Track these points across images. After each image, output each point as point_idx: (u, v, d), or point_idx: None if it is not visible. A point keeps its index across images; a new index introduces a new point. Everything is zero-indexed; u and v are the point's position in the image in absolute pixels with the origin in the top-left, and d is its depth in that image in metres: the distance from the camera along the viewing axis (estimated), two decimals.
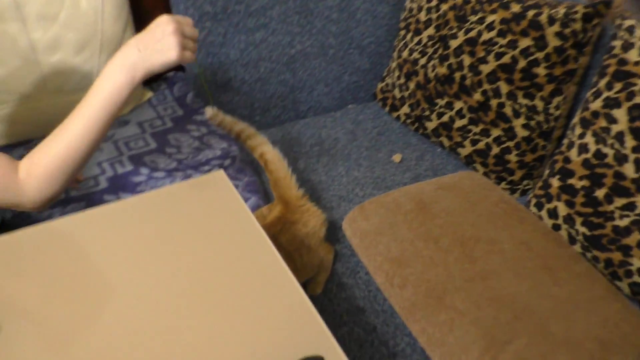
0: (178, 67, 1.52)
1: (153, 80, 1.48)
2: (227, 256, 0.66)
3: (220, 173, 0.76)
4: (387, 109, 1.55)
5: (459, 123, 1.33)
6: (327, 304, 1.05)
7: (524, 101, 1.21)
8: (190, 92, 1.42)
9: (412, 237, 1.06)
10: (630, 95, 1.00)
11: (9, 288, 0.60)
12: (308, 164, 1.35)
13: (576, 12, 1.14)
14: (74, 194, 1.11)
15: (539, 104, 1.21)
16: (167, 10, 1.37)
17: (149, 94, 1.42)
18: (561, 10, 1.15)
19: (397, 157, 1.38)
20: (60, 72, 1.22)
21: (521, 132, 1.24)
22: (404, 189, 1.17)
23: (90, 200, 1.10)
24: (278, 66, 1.47)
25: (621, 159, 1.00)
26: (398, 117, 1.51)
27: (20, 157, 1.20)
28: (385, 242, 1.06)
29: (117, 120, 1.33)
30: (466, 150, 1.33)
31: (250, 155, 1.36)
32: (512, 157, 1.27)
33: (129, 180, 1.15)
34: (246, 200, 1.13)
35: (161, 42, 0.73)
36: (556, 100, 1.20)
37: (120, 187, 1.13)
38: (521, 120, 1.23)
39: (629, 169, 0.99)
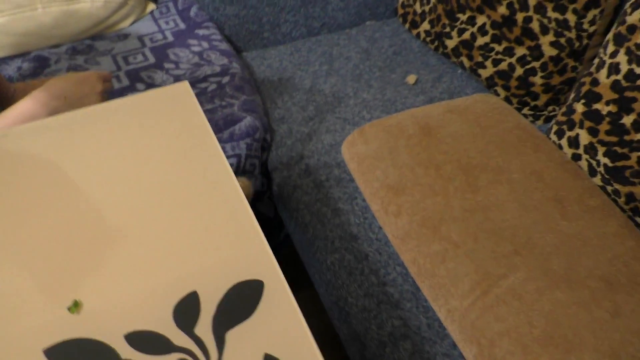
0: None
1: None
2: (179, 170, 0.62)
3: (185, 84, 0.71)
4: (407, 25, 1.42)
5: (480, 41, 1.20)
6: (320, 229, 1.01)
7: (554, 15, 1.07)
8: (195, 5, 1.35)
9: (412, 164, 0.98)
10: None
11: None
12: (315, 83, 1.27)
13: None
14: None
15: (571, 17, 1.07)
16: None
17: (152, 6, 1.35)
18: None
19: (411, 79, 1.27)
20: None
21: (549, 51, 1.11)
22: (409, 111, 1.08)
23: None
24: None
25: None
26: (418, 35, 1.39)
27: (18, 70, 1.18)
28: (383, 168, 0.99)
29: (117, 33, 1.28)
30: (487, 71, 1.22)
31: (253, 74, 1.30)
32: (537, 80, 1.14)
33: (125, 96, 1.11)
34: (241, 119, 1.07)
35: (87, 98, 0.79)
36: (591, 13, 1.06)
37: None
38: (549, 37, 1.09)
39: None
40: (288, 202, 1.08)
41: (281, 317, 0.50)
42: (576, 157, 1.01)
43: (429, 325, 0.88)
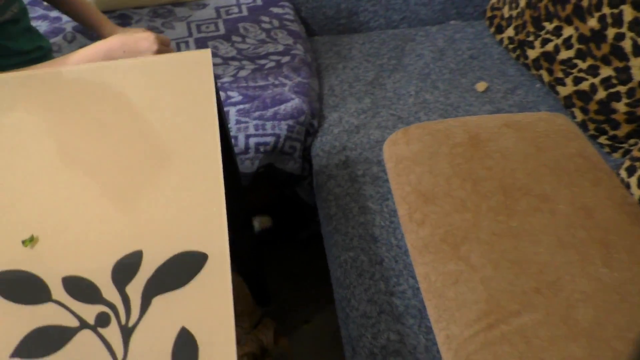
0: None
1: None
2: (169, 131, 0.62)
3: (207, 52, 0.70)
4: (492, 29, 1.32)
5: (564, 54, 1.08)
6: (343, 223, 0.98)
7: None
8: None
9: (450, 173, 0.91)
10: None
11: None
12: (378, 77, 1.22)
13: None
14: None
15: None
16: None
17: None
18: None
19: (481, 86, 1.18)
20: None
21: (639, 76, 0.97)
22: (462, 118, 1.00)
23: None
24: None
25: None
26: (501, 41, 1.28)
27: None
28: (419, 172, 0.93)
29: (197, 2, 1.32)
30: (567, 89, 1.09)
31: (318, 59, 1.28)
32: (621, 106, 1.01)
33: None
34: (289, 100, 1.06)
35: (142, 55, 0.80)
36: None
37: None
38: None
39: None
40: (320, 190, 1.06)
41: (212, 294, 0.48)
42: None
43: (427, 347, 0.82)
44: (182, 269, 0.50)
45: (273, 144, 1.03)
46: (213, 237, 0.52)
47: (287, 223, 1.33)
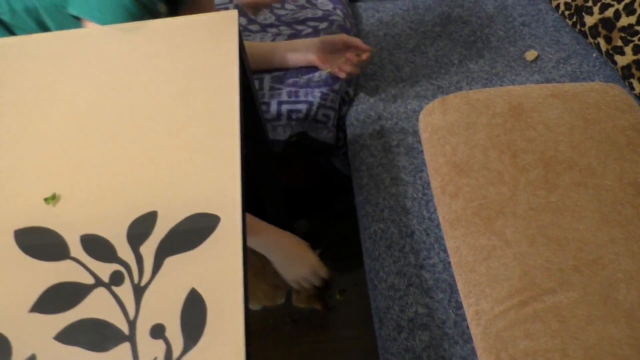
0: None
1: None
2: (189, 93, 0.61)
3: (233, 13, 0.69)
4: None
5: (625, 21, 1.00)
6: (374, 194, 0.96)
7: None
8: None
9: (488, 145, 0.87)
10: None
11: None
12: (420, 44, 1.17)
13: None
14: None
15: None
16: None
17: None
18: None
19: (530, 55, 1.11)
20: None
21: None
22: (505, 88, 0.94)
23: None
24: None
25: None
26: (557, 7, 1.20)
27: None
28: (454, 143, 0.89)
29: None
30: (626, 58, 1.01)
31: (358, 25, 1.24)
32: None
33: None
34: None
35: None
36: None
37: None
38: None
39: None
40: (353, 160, 1.04)
41: (223, 257, 0.48)
42: None
43: (455, 322, 0.80)
44: (194, 230, 0.50)
45: (306, 112, 1.02)
46: (227, 200, 0.51)
47: (323, 193, 1.32)
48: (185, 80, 0.63)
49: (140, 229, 0.50)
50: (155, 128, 0.59)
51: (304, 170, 1.23)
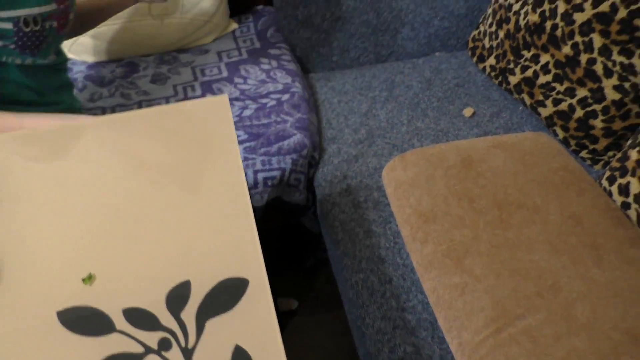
0: (268, 1, 1.54)
1: (242, 12, 1.53)
2: (196, 172, 0.69)
3: (224, 98, 0.78)
4: (474, 59, 1.42)
5: (542, 79, 1.18)
6: (350, 247, 1.05)
7: (619, 58, 1.04)
8: (272, 27, 1.45)
9: (447, 194, 0.99)
10: None
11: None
12: (372, 108, 1.31)
13: None
14: None
15: (638, 63, 1.02)
16: None
17: (234, 26, 1.47)
18: None
19: (468, 111, 1.28)
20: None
21: (611, 95, 1.07)
22: (453, 143, 1.08)
23: None
24: (362, 5, 1.42)
25: None
26: (484, 69, 1.39)
27: (112, 72, 1.34)
28: (418, 195, 1.01)
29: (200, 48, 1.41)
30: (547, 110, 1.19)
31: (314, 94, 1.37)
32: (598, 123, 1.10)
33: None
34: (291, 135, 1.14)
35: None
36: None
37: None
38: (613, 81, 1.05)
39: None
40: (326, 218, 1.13)
41: (257, 315, 0.54)
42: (625, 206, 0.96)
43: (441, 356, 0.88)
44: (227, 293, 0.56)
45: (279, 178, 1.11)
46: (251, 264, 0.59)
47: (293, 251, 1.39)
48: (192, 158, 0.70)
49: (177, 297, 0.56)
50: (172, 203, 0.65)
51: (276, 232, 1.31)
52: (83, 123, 0.79)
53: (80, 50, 1.36)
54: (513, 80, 1.27)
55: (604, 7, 1.03)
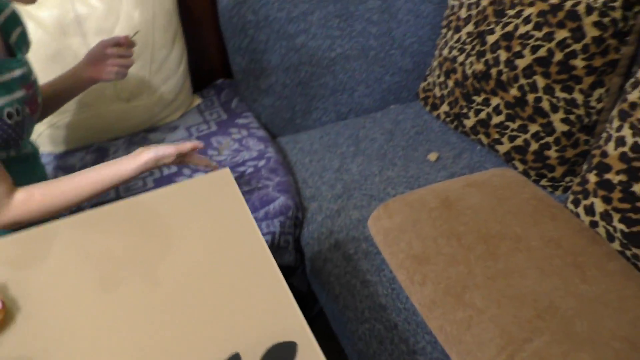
0: (227, 74, 1.61)
1: (203, 87, 1.58)
2: (221, 247, 0.71)
3: (226, 171, 0.81)
4: (427, 108, 1.54)
5: (496, 119, 1.29)
6: (350, 300, 1.07)
7: (562, 95, 1.16)
8: (236, 98, 1.50)
9: (435, 235, 1.05)
10: None
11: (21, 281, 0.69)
12: (343, 163, 1.37)
13: (616, 0, 1.08)
14: (124, 195, 1.22)
15: (579, 97, 1.15)
16: (215, 18, 1.45)
17: (198, 101, 1.51)
18: None
19: (432, 156, 1.37)
20: (116, 82, 1.34)
21: (560, 127, 1.19)
22: (430, 186, 1.16)
23: None
24: (319, 69, 1.51)
25: None
26: (438, 116, 1.50)
27: (82, 160, 1.34)
28: (408, 240, 1.06)
29: (168, 125, 1.44)
30: (505, 147, 1.30)
31: (286, 157, 1.42)
32: (552, 153, 1.22)
33: (173, 181, 1.24)
34: (275, 199, 1.18)
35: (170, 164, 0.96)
36: (597, 92, 1.14)
37: None
38: (560, 115, 1.18)
39: None
40: (319, 275, 1.15)
41: None
42: (593, 224, 1.06)
43: None
44: (281, 358, 0.58)
45: (270, 241, 1.13)
46: (294, 326, 0.61)
47: None
48: (211, 233, 0.73)
49: None
50: (207, 282, 0.67)
51: None
52: (92, 213, 0.80)
53: (45, 142, 1.35)
54: (468, 123, 1.38)
55: (542, 52, 1.16)
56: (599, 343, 0.84)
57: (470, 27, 1.37)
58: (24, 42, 1.01)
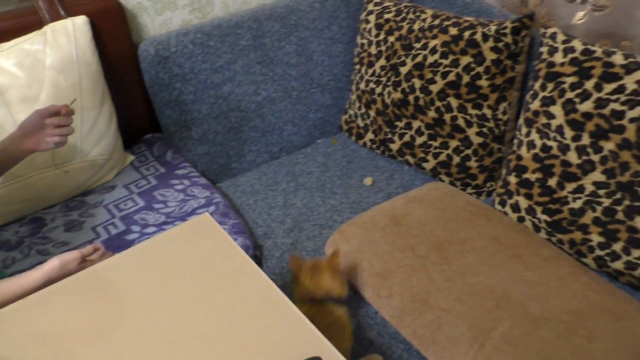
0: (155, 129, 1.61)
1: (133, 143, 1.57)
2: (222, 286, 0.74)
3: (206, 215, 0.85)
4: (353, 138, 1.66)
5: (419, 140, 1.43)
6: None
7: (474, 111, 1.33)
8: (169, 150, 1.52)
9: (391, 250, 1.14)
10: (562, 93, 1.12)
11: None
12: (287, 199, 1.43)
13: (506, 27, 1.27)
14: None
15: (488, 112, 1.33)
16: (140, 77, 1.47)
17: (131, 158, 1.50)
18: (493, 28, 1.29)
19: (368, 181, 1.47)
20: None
21: (476, 140, 1.35)
22: (377, 207, 1.26)
23: None
24: (247, 114, 1.57)
25: (564, 148, 1.11)
26: (364, 144, 1.62)
27: (16, 233, 1.27)
28: (368, 259, 1.14)
29: (104, 186, 1.41)
30: (430, 164, 1.44)
31: (231, 200, 1.45)
32: (472, 164, 1.37)
33: (124, 240, 1.22)
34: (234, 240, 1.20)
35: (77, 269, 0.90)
36: (502, 106, 1.32)
37: (116, 247, 1.20)
38: (474, 129, 1.34)
39: (572, 157, 1.09)
40: None
41: None
42: (521, 220, 1.21)
43: None
44: None
45: None
46: (312, 340, 0.65)
47: None
48: (210, 275, 0.75)
49: None
50: (217, 322, 0.69)
51: None
52: (89, 272, 0.79)
53: None
54: (394, 147, 1.51)
55: (452, 77, 1.33)
56: (551, 319, 0.97)
57: (382, 62, 1.51)
58: None
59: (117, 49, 1.44)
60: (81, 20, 1.33)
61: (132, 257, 0.80)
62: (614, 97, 1.04)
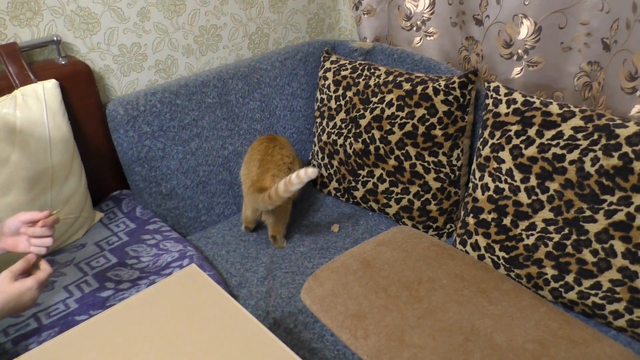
0: (122, 185, 1.63)
1: (101, 201, 1.58)
2: (217, 336, 0.77)
3: (193, 267, 0.88)
4: (317, 187, 1.73)
5: (381, 187, 1.52)
6: None
7: (431, 159, 1.44)
8: (138, 206, 1.53)
9: (365, 292, 1.20)
10: (509, 139, 1.24)
11: None
12: (258, 249, 1.47)
13: (454, 82, 1.40)
14: (46, 322, 1.17)
15: (443, 158, 1.44)
16: (108, 135, 1.50)
17: (100, 215, 1.51)
18: (442, 82, 1.42)
19: (335, 227, 1.54)
20: (15, 210, 1.30)
21: (434, 185, 1.45)
22: (348, 252, 1.32)
23: (64, 324, 1.15)
24: (215, 168, 1.62)
25: (515, 190, 1.22)
26: (329, 193, 1.69)
27: None
28: (342, 302, 1.19)
29: (74, 244, 1.41)
30: (393, 209, 1.53)
31: (203, 252, 1.48)
32: (432, 207, 1.47)
33: (97, 297, 1.22)
34: None
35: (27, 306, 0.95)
36: (455, 153, 1.44)
37: (90, 305, 1.20)
38: (432, 175, 1.45)
39: (522, 197, 1.21)
40: None
41: None
42: (481, 257, 1.30)
43: None
44: None
45: None
46: None
47: None
48: (204, 325, 0.78)
49: None
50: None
51: None
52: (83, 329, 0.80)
53: None
54: (358, 194, 1.59)
55: (408, 128, 1.44)
56: (517, 349, 1.05)
57: (342, 115, 1.61)
58: None
59: (86, 110, 1.48)
60: (51, 84, 1.36)
61: (124, 312, 0.82)
62: (554, 142, 1.17)
